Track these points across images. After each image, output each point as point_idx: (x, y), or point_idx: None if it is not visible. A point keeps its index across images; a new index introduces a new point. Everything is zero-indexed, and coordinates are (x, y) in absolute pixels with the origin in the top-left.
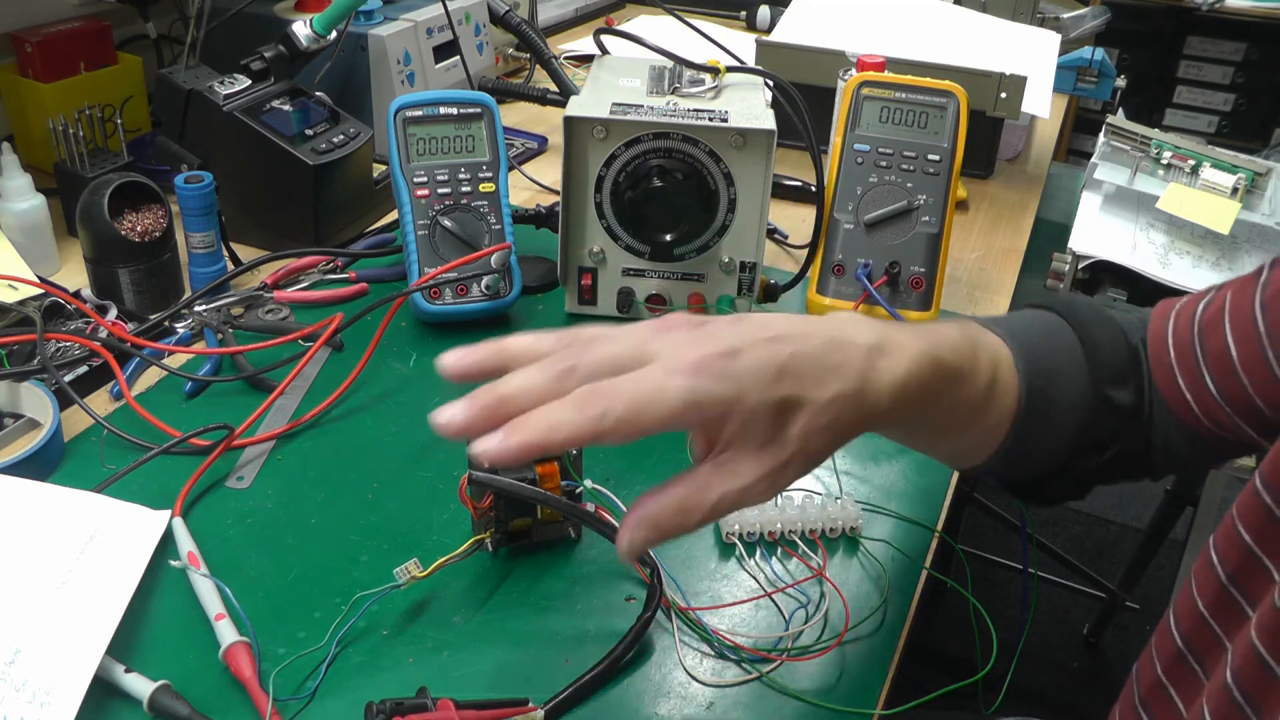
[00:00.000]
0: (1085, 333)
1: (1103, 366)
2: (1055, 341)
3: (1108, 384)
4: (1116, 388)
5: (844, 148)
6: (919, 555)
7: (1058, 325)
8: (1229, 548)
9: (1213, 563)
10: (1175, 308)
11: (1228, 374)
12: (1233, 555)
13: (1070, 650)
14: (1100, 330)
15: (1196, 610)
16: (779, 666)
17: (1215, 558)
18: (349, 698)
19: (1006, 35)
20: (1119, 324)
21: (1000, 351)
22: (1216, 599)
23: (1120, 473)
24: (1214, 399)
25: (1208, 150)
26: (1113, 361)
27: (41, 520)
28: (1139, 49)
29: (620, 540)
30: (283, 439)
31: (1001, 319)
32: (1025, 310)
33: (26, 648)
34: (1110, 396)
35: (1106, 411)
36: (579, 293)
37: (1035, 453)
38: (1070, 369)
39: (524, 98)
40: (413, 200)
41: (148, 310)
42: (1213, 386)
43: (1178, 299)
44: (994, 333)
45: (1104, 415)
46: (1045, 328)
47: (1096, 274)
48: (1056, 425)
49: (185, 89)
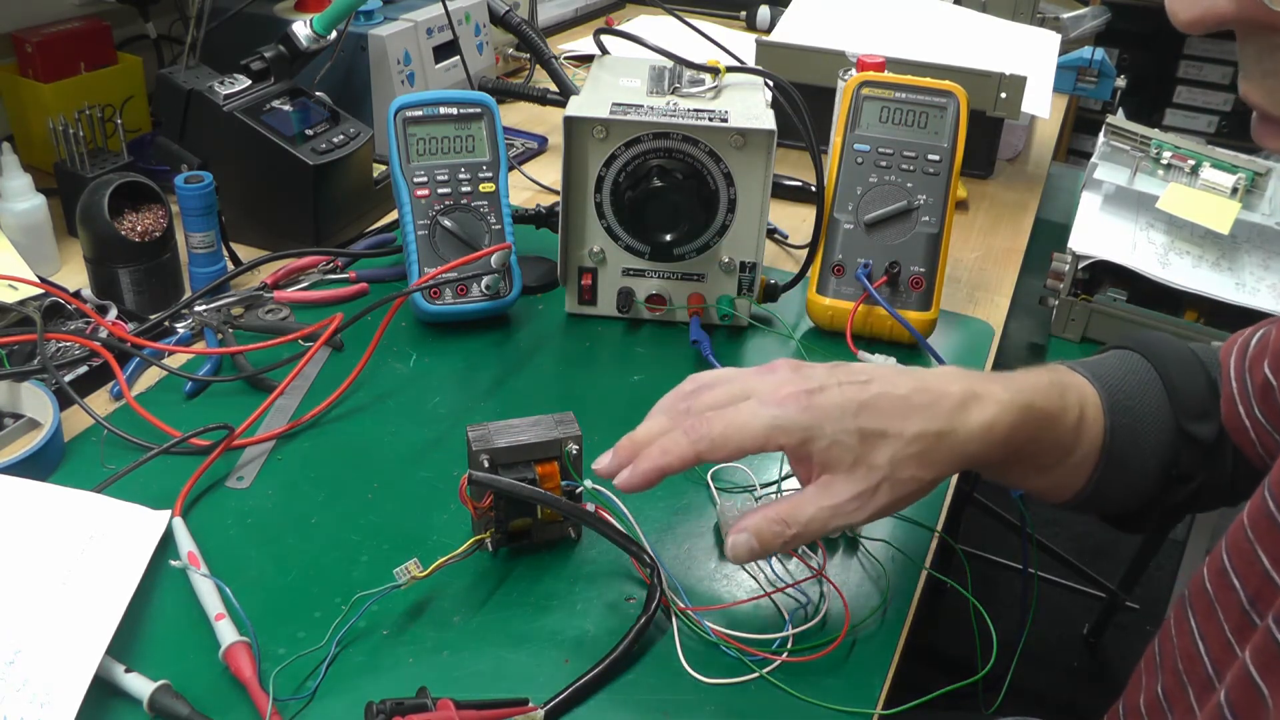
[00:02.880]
0: (1165, 371)
1: (1183, 403)
2: (1138, 381)
3: (1188, 419)
4: (1197, 423)
5: (844, 148)
6: (919, 555)
7: (1140, 365)
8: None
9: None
10: (1238, 340)
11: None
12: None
13: (1070, 650)
14: (1179, 368)
15: (1189, 621)
16: (779, 666)
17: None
18: (349, 698)
19: (1006, 35)
20: (1199, 359)
21: (1086, 392)
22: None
23: (1207, 502)
24: (1264, 428)
25: (1208, 150)
26: (1192, 397)
27: (41, 520)
28: (1139, 49)
29: (727, 545)
30: (283, 439)
31: (1087, 361)
32: (1109, 351)
33: (26, 648)
34: (1191, 432)
35: (1188, 446)
36: (579, 293)
37: (1123, 487)
38: (1153, 407)
39: (524, 98)
40: (413, 200)
41: (148, 310)
42: (1261, 416)
43: (1244, 331)
44: (1080, 374)
45: (1186, 450)
46: (1128, 368)
47: (1096, 274)
48: (1142, 461)
49: (185, 89)
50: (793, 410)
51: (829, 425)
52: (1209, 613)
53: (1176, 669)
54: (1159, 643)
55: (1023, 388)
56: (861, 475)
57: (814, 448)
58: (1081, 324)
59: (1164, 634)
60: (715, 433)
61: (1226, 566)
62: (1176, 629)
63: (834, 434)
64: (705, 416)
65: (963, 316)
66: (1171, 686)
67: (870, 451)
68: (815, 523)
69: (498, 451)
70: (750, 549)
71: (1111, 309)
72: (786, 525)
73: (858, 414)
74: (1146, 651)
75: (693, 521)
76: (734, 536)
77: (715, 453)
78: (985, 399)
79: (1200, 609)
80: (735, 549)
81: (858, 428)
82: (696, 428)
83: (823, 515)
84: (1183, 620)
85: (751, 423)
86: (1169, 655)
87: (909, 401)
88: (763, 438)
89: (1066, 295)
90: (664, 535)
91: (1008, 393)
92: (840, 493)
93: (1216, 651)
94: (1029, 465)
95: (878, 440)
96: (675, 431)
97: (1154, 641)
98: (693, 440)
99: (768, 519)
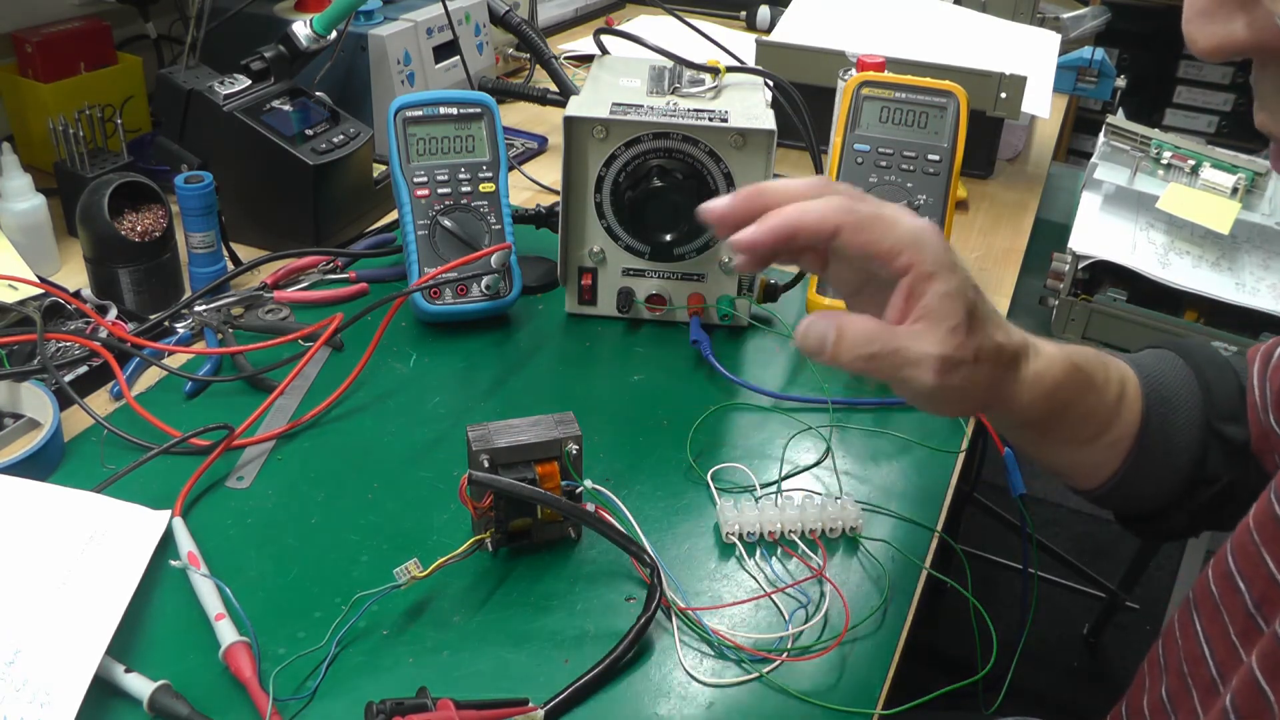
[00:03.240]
0: (1200, 370)
1: (1216, 402)
2: (1174, 375)
3: (1220, 419)
4: (1229, 423)
5: (844, 148)
6: (919, 555)
7: (1176, 363)
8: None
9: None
10: (1263, 348)
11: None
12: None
13: (1070, 650)
14: (1213, 369)
15: (1194, 627)
16: (779, 666)
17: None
18: (349, 698)
19: (1006, 35)
20: (1231, 364)
21: (1127, 373)
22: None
23: (1231, 509)
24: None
25: (1208, 150)
26: (1225, 399)
27: (41, 520)
28: (1139, 49)
29: (800, 325)
30: (283, 439)
31: (1125, 355)
32: (1145, 350)
33: (26, 648)
34: (1222, 431)
35: (1218, 445)
36: (579, 293)
37: (1152, 479)
38: (1187, 401)
39: (524, 98)
40: (413, 200)
41: (148, 310)
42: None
43: (1273, 340)
44: (1121, 359)
45: (1216, 449)
46: (1165, 364)
47: (1096, 274)
48: (1172, 454)
49: (185, 89)
50: (935, 241)
51: (957, 278)
52: (1214, 615)
53: (1181, 671)
54: (1163, 644)
55: (1071, 351)
56: (957, 343)
57: (936, 287)
58: (1081, 324)
59: (1168, 636)
60: (865, 213)
61: (1231, 569)
62: (1181, 631)
63: (958, 287)
64: (855, 196)
65: None
66: (1176, 689)
67: (972, 329)
68: (899, 357)
69: (498, 451)
70: (822, 341)
71: (1111, 309)
72: (872, 341)
73: (975, 291)
74: (1150, 653)
75: (693, 521)
76: (815, 319)
77: (856, 233)
78: (1039, 349)
79: (1205, 611)
80: (809, 332)
81: (973, 300)
82: (844, 202)
83: (909, 354)
84: (1187, 623)
85: (900, 224)
86: (1173, 657)
87: (999, 315)
88: (907, 241)
89: (1066, 295)
90: (664, 535)
91: (1058, 350)
92: (932, 345)
93: (1222, 654)
94: (1069, 433)
95: (979, 324)
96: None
97: (1157, 643)
98: (841, 208)
99: (856, 326)
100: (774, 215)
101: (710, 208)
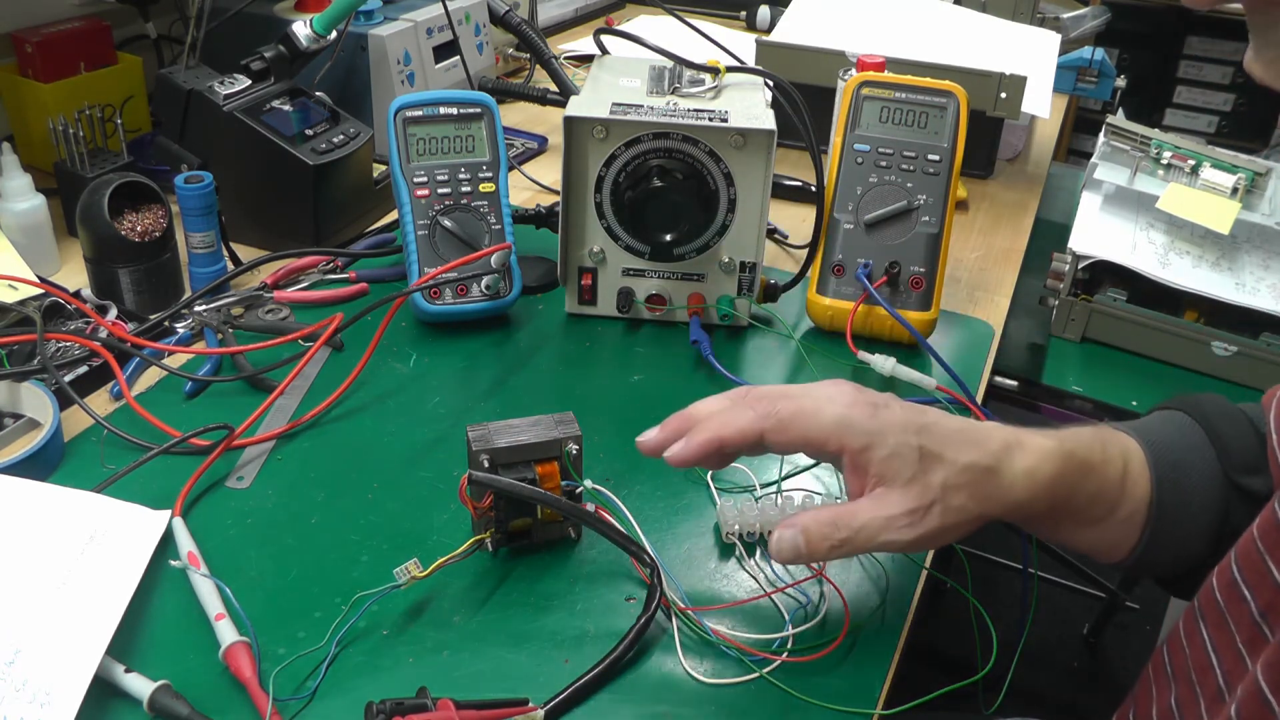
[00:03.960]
0: (1210, 426)
1: (1232, 456)
2: (1183, 437)
3: (1239, 473)
4: (1249, 476)
5: (844, 148)
6: (919, 555)
7: (1185, 423)
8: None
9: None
10: (1278, 394)
11: None
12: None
13: (1070, 650)
14: (1226, 423)
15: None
16: (779, 666)
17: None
18: (349, 698)
19: (1006, 35)
20: (1247, 415)
21: (1130, 445)
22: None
23: None
24: None
25: (1208, 150)
26: (1242, 451)
27: (41, 520)
28: (1139, 49)
29: (771, 539)
30: (283, 439)
31: (1130, 422)
32: (1152, 413)
33: (26, 648)
34: (1242, 484)
35: (1241, 500)
36: (579, 293)
37: (1176, 544)
38: (1201, 461)
39: (524, 98)
40: (413, 200)
41: (148, 310)
42: None
43: None
44: (1124, 432)
45: (1239, 504)
46: (1173, 426)
47: (1096, 274)
48: (1192, 516)
49: (185, 89)
50: (861, 414)
51: (892, 436)
52: (1220, 623)
53: (1190, 679)
54: (1169, 652)
55: (1064, 438)
56: (916, 492)
57: (875, 455)
58: (1081, 324)
59: (1173, 643)
60: (785, 413)
61: (1236, 578)
62: (1188, 639)
63: (896, 445)
64: (773, 398)
65: (963, 316)
66: (1185, 697)
67: (927, 470)
68: (866, 531)
69: (498, 451)
70: (795, 548)
71: (1111, 309)
72: (837, 529)
73: (919, 432)
74: (1154, 659)
75: (693, 521)
76: (781, 532)
77: (780, 434)
78: (1027, 445)
79: (1211, 619)
80: (780, 544)
81: (919, 444)
82: (760, 405)
83: (875, 524)
84: (1194, 631)
85: (821, 414)
86: (1181, 665)
87: (962, 433)
88: (830, 429)
89: (1066, 295)
90: (664, 535)
91: (1049, 441)
92: (894, 505)
93: (1229, 663)
94: (1077, 518)
95: (935, 461)
96: (739, 407)
97: (1162, 649)
98: (760, 415)
99: (819, 520)
100: (699, 431)
101: (643, 441)
